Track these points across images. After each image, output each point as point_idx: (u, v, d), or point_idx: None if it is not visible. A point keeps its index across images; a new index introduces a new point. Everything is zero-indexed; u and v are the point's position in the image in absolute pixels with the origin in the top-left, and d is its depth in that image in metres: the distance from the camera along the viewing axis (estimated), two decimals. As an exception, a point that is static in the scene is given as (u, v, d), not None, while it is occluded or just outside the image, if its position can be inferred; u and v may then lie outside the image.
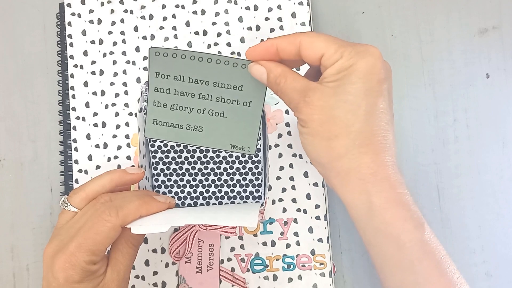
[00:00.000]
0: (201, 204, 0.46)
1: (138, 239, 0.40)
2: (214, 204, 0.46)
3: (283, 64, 0.36)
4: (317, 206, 0.49)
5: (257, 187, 0.46)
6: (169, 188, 0.46)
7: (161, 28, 0.51)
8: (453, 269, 0.34)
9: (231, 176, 0.46)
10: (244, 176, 0.46)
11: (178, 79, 0.37)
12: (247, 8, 0.51)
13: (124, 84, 0.51)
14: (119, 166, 0.50)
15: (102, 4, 0.52)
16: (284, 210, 0.49)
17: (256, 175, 0.46)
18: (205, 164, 0.46)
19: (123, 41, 0.52)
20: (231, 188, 0.46)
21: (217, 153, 0.45)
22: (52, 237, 0.38)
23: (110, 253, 0.39)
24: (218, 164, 0.45)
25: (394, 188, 0.33)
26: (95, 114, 0.51)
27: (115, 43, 0.52)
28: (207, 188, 0.46)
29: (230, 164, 0.45)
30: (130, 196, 0.39)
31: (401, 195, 0.33)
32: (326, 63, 0.34)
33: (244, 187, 0.46)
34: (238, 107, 0.38)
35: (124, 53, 0.51)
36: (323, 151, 0.35)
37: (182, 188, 0.46)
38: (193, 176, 0.46)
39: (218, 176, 0.46)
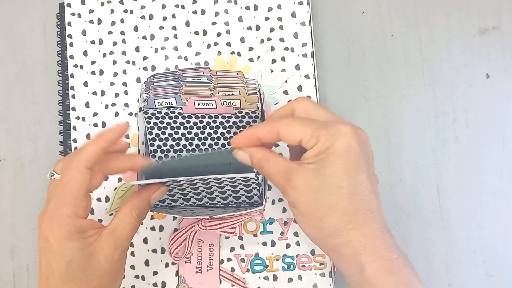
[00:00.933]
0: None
1: (143, 210, 0.40)
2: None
3: (265, 148, 0.39)
4: (317, 206, 0.49)
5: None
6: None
7: (161, 28, 0.52)
8: None
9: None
10: None
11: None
12: (247, 7, 0.51)
13: (124, 84, 0.51)
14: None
15: (102, 4, 0.52)
16: (284, 210, 0.49)
17: None
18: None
19: (123, 41, 0.52)
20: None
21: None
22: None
23: (110, 221, 0.39)
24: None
25: (384, 256, 0.35)
26: (95, 114, 0.51)
27: (115, 43, 0.52)
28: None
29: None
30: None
31: (391, 261, 0.35)
32: (305, 146, 0.37)
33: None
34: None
35: (124, 53, 0.51)
36: (314, 229, 0.37)
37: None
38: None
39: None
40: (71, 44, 0.52)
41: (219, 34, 0.51)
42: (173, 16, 0.52)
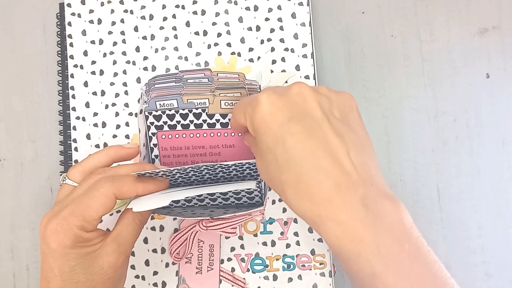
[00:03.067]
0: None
1: (144, 215, 0.40)
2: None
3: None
4: (317, 206, 0.49)
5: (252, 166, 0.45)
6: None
7: (161, 28, 0.51)
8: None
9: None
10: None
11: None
12: (247, 8, 0.51)
13: (124, 84, 0.51)
14: (119, 166, 0.50)
15: (102, 4, 0.52)
16: (284, 210, 0.49)
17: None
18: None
19: (123, 41, 0.52)
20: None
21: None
22: (50, 210, 0.38)
23: (114, 227, 0.39)
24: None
25: (344, 222, 0.31)
26: (95, 114, 0.51)
27: (115, 43, 0.52)
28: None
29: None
30: (126, 170, 0.39)
31: (350, 230, 0.31)
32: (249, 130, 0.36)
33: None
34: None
35: (124, 53, 0.51)
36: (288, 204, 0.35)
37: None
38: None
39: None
40: (71, 44, 0.52)
41: (219, 35, 0.51)
42: (174, 16, 0.52)
